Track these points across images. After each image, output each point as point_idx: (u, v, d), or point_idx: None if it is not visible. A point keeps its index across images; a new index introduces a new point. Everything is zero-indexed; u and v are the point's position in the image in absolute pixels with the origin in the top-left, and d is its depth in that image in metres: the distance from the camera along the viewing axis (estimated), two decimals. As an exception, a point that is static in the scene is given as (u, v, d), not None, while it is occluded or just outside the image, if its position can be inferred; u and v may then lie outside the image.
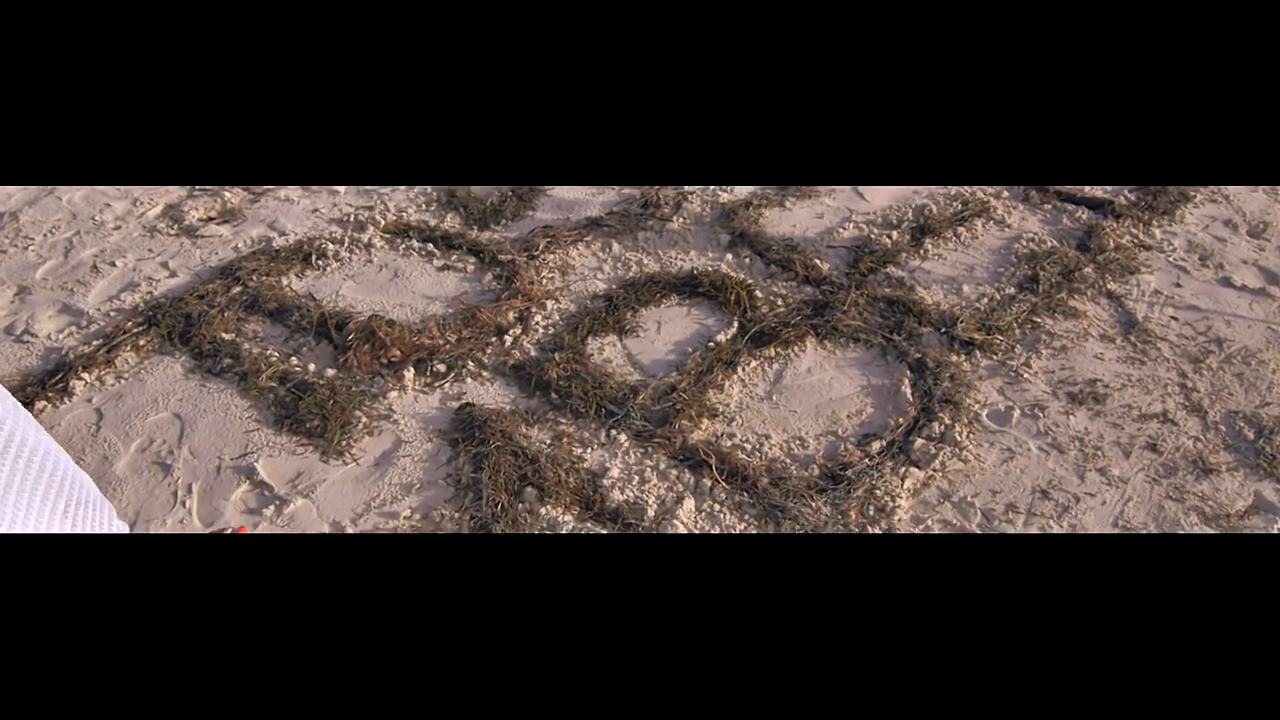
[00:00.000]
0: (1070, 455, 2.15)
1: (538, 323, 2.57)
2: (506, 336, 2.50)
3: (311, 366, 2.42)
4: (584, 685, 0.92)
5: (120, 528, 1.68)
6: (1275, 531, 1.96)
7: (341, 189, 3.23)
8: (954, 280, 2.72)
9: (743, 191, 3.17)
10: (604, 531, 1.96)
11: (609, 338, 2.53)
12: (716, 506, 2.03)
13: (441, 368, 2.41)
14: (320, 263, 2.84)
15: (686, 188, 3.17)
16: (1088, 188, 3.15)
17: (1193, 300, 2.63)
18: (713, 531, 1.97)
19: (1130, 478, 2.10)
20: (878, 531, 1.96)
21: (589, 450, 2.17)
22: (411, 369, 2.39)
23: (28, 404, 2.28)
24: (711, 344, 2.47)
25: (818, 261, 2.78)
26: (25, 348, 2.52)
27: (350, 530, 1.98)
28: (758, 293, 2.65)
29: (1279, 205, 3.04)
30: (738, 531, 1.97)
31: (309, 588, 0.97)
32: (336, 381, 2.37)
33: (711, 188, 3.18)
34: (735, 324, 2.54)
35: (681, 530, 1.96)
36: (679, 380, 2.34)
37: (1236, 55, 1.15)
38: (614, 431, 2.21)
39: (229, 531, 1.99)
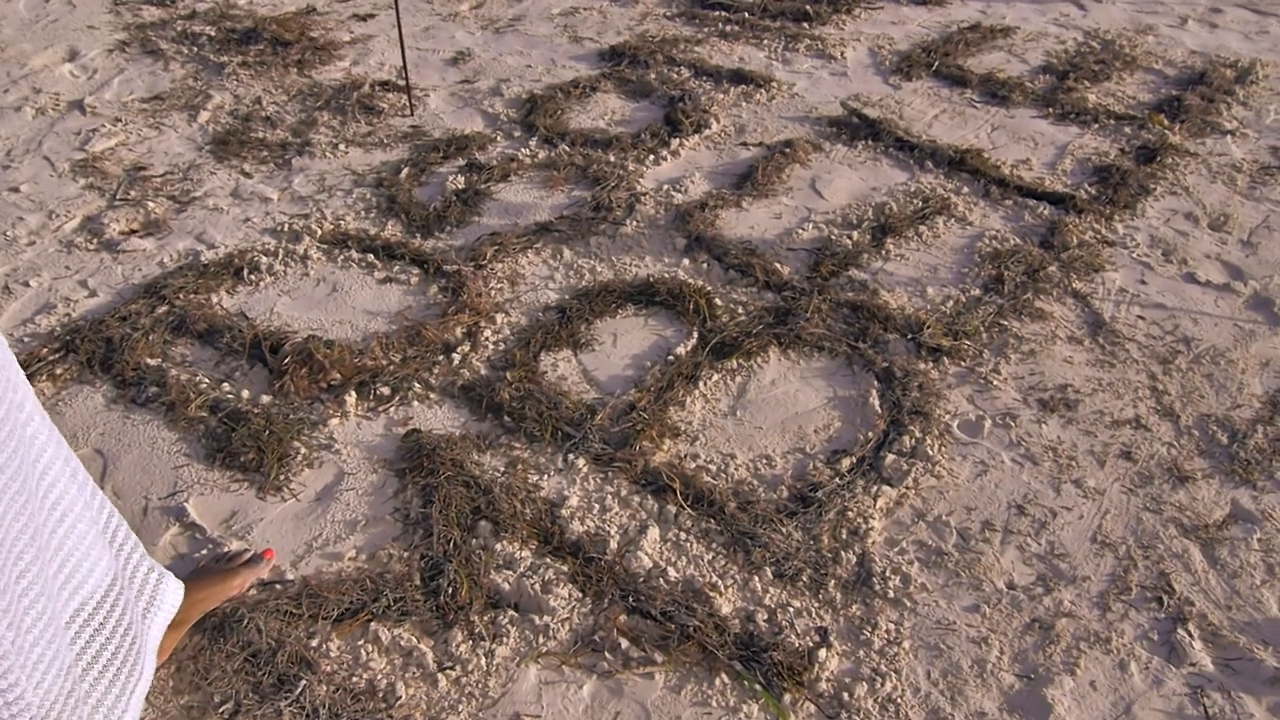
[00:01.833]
0: (1044, 467, 2.08)
1: (487, 338, 2.43)
2: (454, 354, 2.37)
3: (245, 393, 2.26)
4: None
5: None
6: (1254, 542, 1.91)
7: (274, 195, 3.05)
8: (918, 282, 2.64)
9: (697, 191, 3.06)
10: (564, 568, 1.84)
11: (563, 353, 2.40)
12: (682, 535, 1.92)
13: (386, 391, 2.26)
14: (253, 277, 2.67)
15: (638, 189, 3.05)
16: (1047, 182, 3.09)
17: (1158, 298, 2.58)
18: (678, 562, 1.86)
19: (1106, 488, 2.03)
20: (851, 555, 1.87)
21: (546, 477, 2.05)
22: (353, 393, 2.25)
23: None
24: (671, 357, 2.36)
25: (778, 265, 2.68)
26: (-71, 380, 2.32)
27: (290, 575, 1.84)
28: (717, 300, 2.54)
29: (1238, 197, 3.01)
30: (705, 560, 1.86)
31: None
32: (272, 409, 2.21)
33: (665, 188, 3.06)
34: (695, 335, 2.43)
35: (646, 562, 1.85)
36: (638, 398, 2.22)
37: None
38: (572, 456, 2.09)
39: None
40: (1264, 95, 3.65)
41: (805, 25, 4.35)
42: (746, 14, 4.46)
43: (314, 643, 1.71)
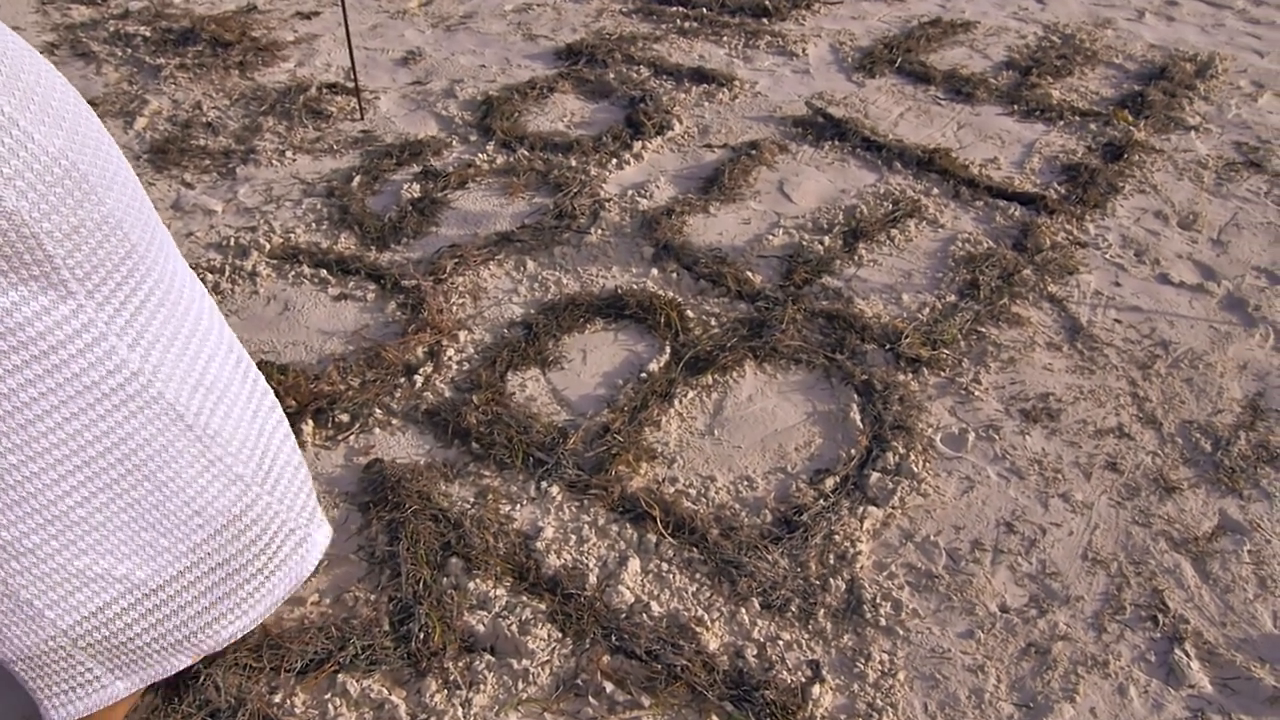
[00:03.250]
0: (1031, 481, 2.03)
1: (450, 358, 2.32)
2: (416, 376, 2.25)
3: (193, 424, 2.12)
4: None
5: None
6: (1244, 554, 1.88)
7: (218, 207, 2.90)
8: (892, 289, 2.58)
9: (663, 196, 2.97)
10: (542, 607, 1.75)
11: (531, 371, 2.30)
12: (664, 565, 1.84)
13: (345, 418, 2.15)
14: (198, 297, 2.52)
15: (602, 195, 2.95)
16: (1017, 182, 3.05)
17: (1134, 300, 2.55)
18: (661, 595, 1.78)
19: (1094, 502, 1.99)
20: (840, 582, 1.80)
21: (518, 507, 1.96)
22: (310, 421, 2.13)
23: None
24: (644, 374, 2.27)
25: (749, 274, 2.60)
26: None
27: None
28: (689, 312, 2.45)
29: (1205, 194, 3.00)
30: (690, 592, 1.78)
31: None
32: (224, 441, 2.08)
33: (629, 193, 2.96)
34: (667, 349, 2.34)
35: (628, 597, 1.76)
36: (612, 419, 2.13)
37: None
38: (545, 483, 2.00)
39: None
40: (1224, 89, 3.65)
41: (765, 21, 4.28)
42: (705, 9, 4.36)
43: (277, 699, 1.59)
